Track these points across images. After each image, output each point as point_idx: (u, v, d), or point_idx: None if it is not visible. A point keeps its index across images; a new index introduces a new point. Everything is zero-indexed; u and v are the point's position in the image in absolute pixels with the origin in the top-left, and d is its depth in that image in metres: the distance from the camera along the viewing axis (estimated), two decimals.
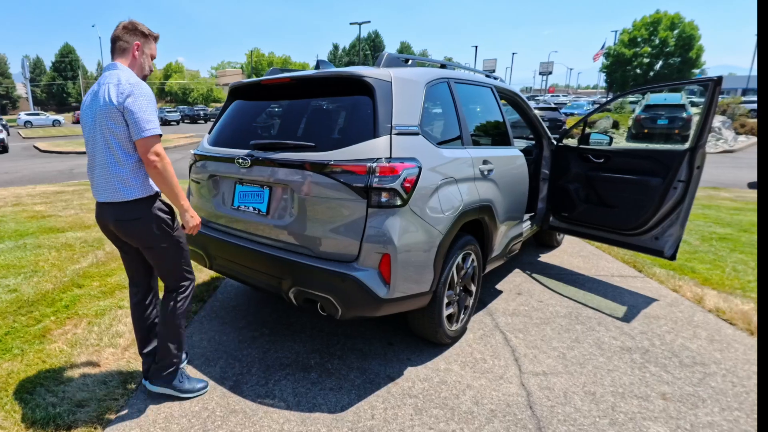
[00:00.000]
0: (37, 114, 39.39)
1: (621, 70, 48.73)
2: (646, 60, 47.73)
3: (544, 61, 59.65)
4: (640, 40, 47.70)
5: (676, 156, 3.08)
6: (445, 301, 2.55)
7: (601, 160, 3.56)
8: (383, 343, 2.77)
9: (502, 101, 3.45)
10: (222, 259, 2.70)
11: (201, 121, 41.74)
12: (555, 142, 3.90)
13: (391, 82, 2.29)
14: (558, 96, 53.25)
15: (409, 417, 2.11)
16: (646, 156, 3.31)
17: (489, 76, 3.52)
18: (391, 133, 2.18)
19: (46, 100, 63.53)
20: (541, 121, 3.87)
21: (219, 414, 2.12)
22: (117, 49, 1.98)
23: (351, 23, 42.45)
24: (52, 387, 2.29)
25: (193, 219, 2.05)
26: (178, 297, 2.15)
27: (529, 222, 3.78)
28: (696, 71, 46.38)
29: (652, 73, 47.90)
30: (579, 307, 3.32)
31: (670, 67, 46.80)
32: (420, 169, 2.22)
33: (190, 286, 2.21)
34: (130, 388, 2.29)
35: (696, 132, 3.00)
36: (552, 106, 19.96)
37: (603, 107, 4.27)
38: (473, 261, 2.77)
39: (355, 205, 2.13)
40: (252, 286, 2.79)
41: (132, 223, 1.98)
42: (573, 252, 4.65)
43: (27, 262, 4.15)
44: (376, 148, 2.14)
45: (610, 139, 3.77)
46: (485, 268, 2.99)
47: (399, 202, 2.13)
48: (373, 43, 66.38)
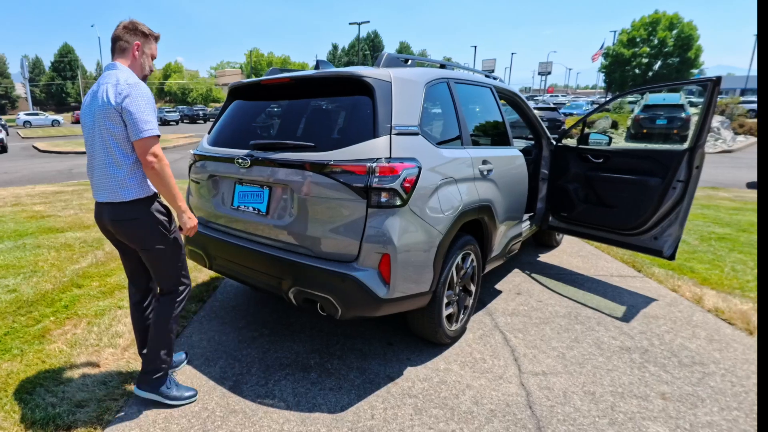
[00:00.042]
0: (36, 114, 39.37)
1: (620, 71, 48.79)
2: (644, 60, 47.79)
3: (543, 61, 59.67)
4: (638, 40, 47.77)
5: (675, 156, 3.09)
6: (445, 301, 2.55)
7: (601, 160, 3.56)
8: (383, 343, 2.77)
9: (502, 101, 3.46)
10: (221, 259, 2.70)
11: (200, 121, 41.74)
12: (554, 142, 3.91)
13: (390, 82, 2.29)
14: (557, 96, 53.34)
15: (408, 417, 2.11)
16: (646, 156, 3.31)
17: (488, 76, 3.52)
18: (390, 133, 2.19)
19: (45, 100, 63.49)
20: (540, 121, 3.87)
21: (219, 414, 2.12)
22: (117, 48, 1.98)
23: (350, 23, 42.46)
24: (52, 387, 2.29)
25: (190, 221, 2.04)
26: (172, 301, 2.12)
27: (528, 222, 3.78)
28: (695, 71, 46.46)
29: (650, 73, 47.96)
30: (578, 306, 3.32)
31: (669, 67, 46.87)
32: (420, 169, 2.22)
33: (185, 291, 2.17)
34: (129, 389, 2.29)
35: (695, 132, 3.00)
36: (551, 106, 19.98)
37: (602, 107, 4.27)
38: (473, 261, 2.78)
39: (355, 205, 2.13)
40: (251, 287, 2.79)
41: (129, 224, 1.98)
42: (572, 252, 4.66)
43: (26, 262, 4.14)
44: (376, 148, 2.14)
45: (609, 139, 3.77)
46: (485, 268, 2.99)
47: (399, 202, 2.13)
48: (372, 43, 66.39)
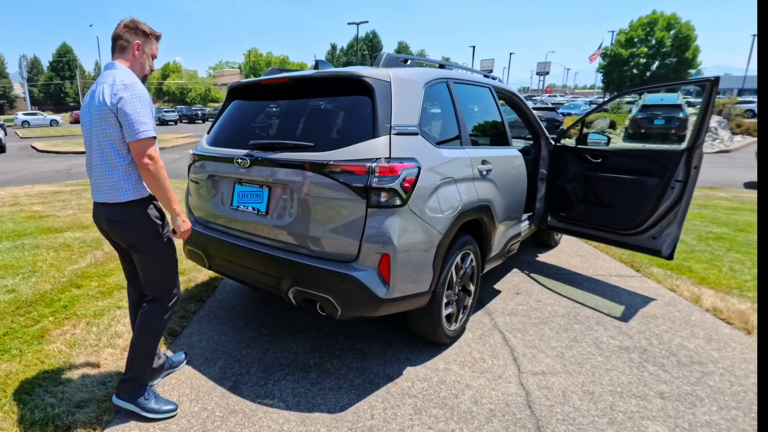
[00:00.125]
0: (34, 114, 39.33)
1: (618, 71, 48.92)
2: (642, 60, 47.92)
3: (542, 61, 59.69)
4: (636, 40, 47.90)
5: (674, 156, 3.09)
6: (444, 300, 2.55)
7: (599, 160, 3.57)
8: (382, 343, 2.77)
9: (501, 101, 3.46)
10: (221, 259, 2.70)
11: (199, 121, 41.68)
12: (553, 142, 3.91)
13: (390, 82, 2.29)
14: (555, 96, 53.41)
15: (408, 417, 2.11)
16: (644, 156, 3.32)
17: (487, 76, 3.52)
18: (390, 133, 2.19)
19: (44, 99, 63.38)
20: (539, 121, 3.88)
21: (218, 414, 2.12)
22: (117, 48, 1.96)
23: (349, 23, 42.49)
24: (51, 388, 2.28)
25: (184, 224, 2.01)
26: (158, 309, 2.07)
27: (527, 222, 3.79)
28: (692, 71, 46.60)
29: (648, 73, 48.10)
30: (577, 306, 3.33)
31: (667, 67, 47.01)
32: (419, 169, 2.22)
33: (174, 298, 2.12)
34: None
35: (693, 132, 3.01)
36: (549, 106, 19.98)
37: (600, 107, 4.28)
38: (472, 261, 2.78)
39: (355, 205, 2.13)
40: (251, 287, 2.79)
41: (123, 224, 1.97)
42: (571, 252, 4.67)
43: (25, 262, 4.13)
44: (376, 148, 2.14)
45: (608, 139, 3.78)
46: (484, 267, 2.99)
47: (398, 202, 2.13)
48: (371, 43, 66.43)
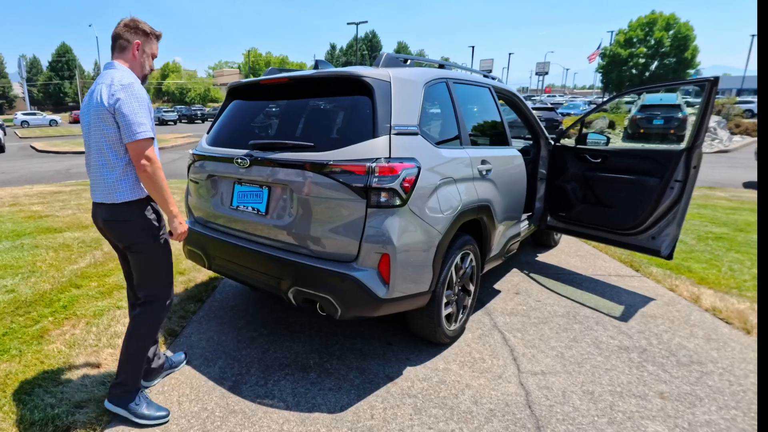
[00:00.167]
0: (33, 114, 39.31)
1: (617, 71, 48.97)
2: (641, 60, 47.98)
3: (541, 62, 59.81)
4: (635, 40, 47.96)
5: (673, 156, 3.10)
6: (444, 300, 2.56)
7: (599, 160, 3.57)
8: (382, 343, 2.77)
9: (500, 101, 3.46)
10: (221, 259, 2.70)
11: (198, 121, 41.64)
12: (552, 142, 3.92)
13: (390, 82, 2.29)
14: (554, 96, 53.48)
15: (408, 417, 2.11)
16: (643, 156, 3.32)
17: (486, 76, 3.53)
18: (390, 133, 2.19)
19: (43, 99, 63.34)
20: (538, 121, 3.88)
21: (218, 414, 2.12)
22: (117, 47, 1.95)
23: (348, 23, 42.49)
24: (51, 388, 2.28)
25: (181, 226, 2.00)
26: (150, 314, 2.04)
27: (526, 222, 3.79)
28: (691, 71, 46.66)
29: (647, 73, 48.16)
30: (577, 306, 3.33)
31: (666, 67, 47.07)
32: (419, 169, 2.22)
33: (167, 301, 2.09)
34: None
35: (693, 132, 3.01)
36: (549, 106, 19.99)
37: (599, 107, 4.28)
38: (472, 261, 2.78)
39: (355, 205, 2.13)
40: (251, 287, 2.79)
41: (119, 225, 1.96)
42: (570, 251, 4.67)
43: (24, 262, 4.13)
44: (376, 148, 2.14)
45: (607, 139, 3.79)
46: (483, 267, 3.00)
47: (398, 202, 2.13)
48: (371, 43, 66.44)
